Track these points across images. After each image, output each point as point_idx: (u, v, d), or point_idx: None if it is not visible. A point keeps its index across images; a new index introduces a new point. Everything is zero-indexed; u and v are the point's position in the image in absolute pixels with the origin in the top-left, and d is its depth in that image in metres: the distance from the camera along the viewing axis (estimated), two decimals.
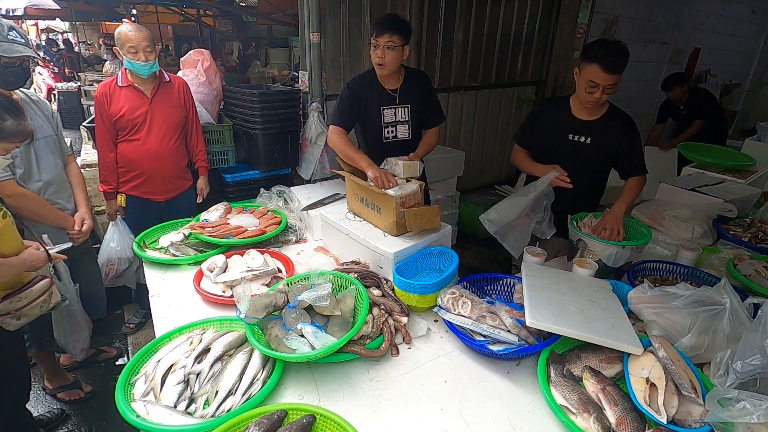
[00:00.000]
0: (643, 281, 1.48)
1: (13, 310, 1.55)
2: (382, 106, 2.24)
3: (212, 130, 2.99)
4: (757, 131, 4.07)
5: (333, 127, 2.18)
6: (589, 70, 1.82)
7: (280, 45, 10.32)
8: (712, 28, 6.24)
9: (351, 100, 2.21)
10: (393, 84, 2.24)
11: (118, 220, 2.44)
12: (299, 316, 1.32)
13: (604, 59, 1.77)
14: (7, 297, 1.54)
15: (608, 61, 1.77)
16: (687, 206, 2.23)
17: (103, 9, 8.77)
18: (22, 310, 1.57)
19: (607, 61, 1.77)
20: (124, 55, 2.25)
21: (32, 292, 1.59)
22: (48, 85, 8.47)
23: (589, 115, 2.01)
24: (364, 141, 2.38)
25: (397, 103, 2.26)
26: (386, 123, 2.27)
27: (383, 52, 2.07)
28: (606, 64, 1.77)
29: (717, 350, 1.20)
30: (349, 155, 2.05)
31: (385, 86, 2.23)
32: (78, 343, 2.06)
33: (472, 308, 1.39)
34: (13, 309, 1.55)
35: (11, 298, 1.54)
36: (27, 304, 1.58)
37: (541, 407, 1.18)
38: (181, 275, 1.76)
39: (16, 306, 1.55)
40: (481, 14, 4.14)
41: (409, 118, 2.31)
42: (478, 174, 4.84)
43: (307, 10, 2.98)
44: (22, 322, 1.59)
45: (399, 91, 2.25)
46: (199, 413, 1.13)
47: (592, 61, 1.80)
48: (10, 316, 1.55)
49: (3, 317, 1.54)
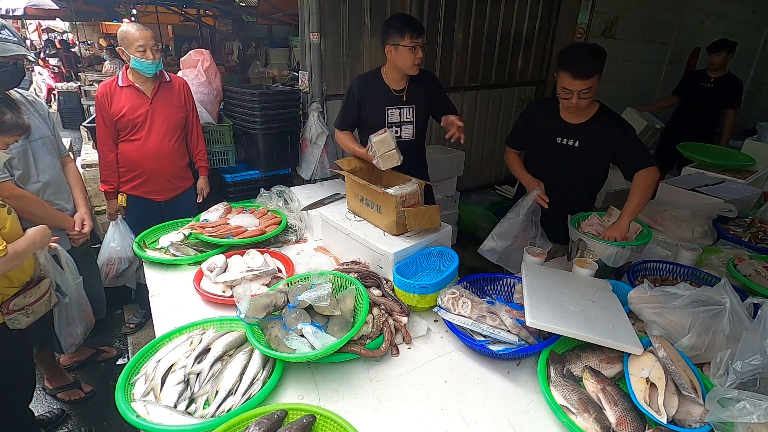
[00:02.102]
0: (643, 281, 1.48)
1: (26, 306, 1.60)
2: (387, 106, 2.24)
3: (212, 130, 2.99)
4: (757, 131, 4.07)
5: (337, 131, 2.29)
6: (561, 77, 1.82)
7: (280, 45, 10.32)
8: (712, 28, 6.23)
9: (355, 102, 2.23)
10: (400, 84, 2.24)
11: (118, 220, 2.44)
12: (299, 316, 1.32)
13: (571, 66, 1.77)
14: (20, 293, 1.59)
15: (576, 68, 1.76)
16: (687, 206, 2.23)
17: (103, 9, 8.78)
18: (33, 306, 1.62)
19: (574, 69, 1.76)
20: (131, 54, 2.24)
21: (39, 289, 1.64)
22: (48, 85, 8.48)
23: (576, 118, 1.98)
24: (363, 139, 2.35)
25: (403, 103, 2.26)
26: (390, 123, 2.27)
27: (420, 53, 2.11)
28: (574, 71, 1.77)
29: (717, 350, 1.20)
30: (350, 147, 2.18)
31: (391, 87, 2.23)
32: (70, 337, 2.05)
33: (472, 308, 1.39)
34: (26, 304, 1.60)
35: (24, 293, 1.59)
36: (36, 300, 1.63)
37: (541, 407, 1.18)
38: (181, 275, 1.76)
39: (28, 301, 1.61)
40: (481, 14, 4.14)
41: (414, 119, 2.31)
42: (478, 174, 4.84)
43: (307, 10, 2.98)
44: (30, 320, 1.63)
45: (406, 91, 2.26)
46: (199, 413, 1.13)
47: (561, 68, 1.81)
48: (22, 313, 1.60)
49: (15, 314, 1.58)
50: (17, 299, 1.57)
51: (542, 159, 2.05)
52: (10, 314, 1.57)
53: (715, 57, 3.95)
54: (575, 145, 1.99)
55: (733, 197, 2.35)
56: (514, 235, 2.00)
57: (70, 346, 2.06)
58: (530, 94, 4.98)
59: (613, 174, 2.14)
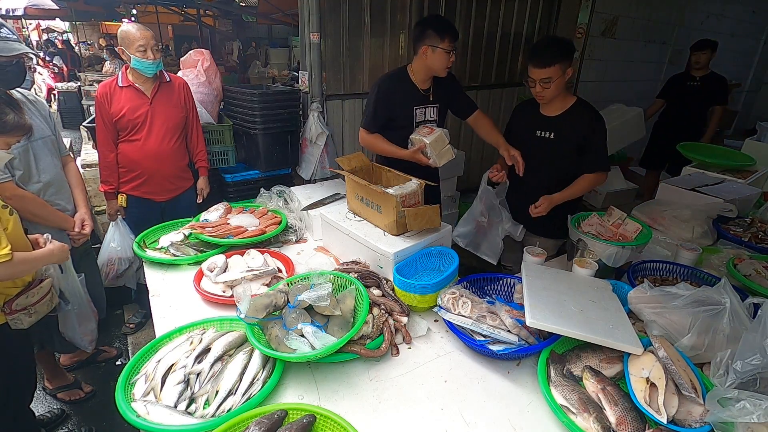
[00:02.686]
0: (643, 281, 1.48)
1: (29, 305, 1.61)
2: (415, 105, 2.24)
3: (212, 130, 2.99)
4: (757, 131, 4.07)
5: (363, 131, 2.26)
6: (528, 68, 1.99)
7: (280, 45, 10.32)
8: (712, 28, 6.23)
9: (383, 102, 2.19)
10: (426, 84, 2.24)
11: (118, 220, 2.44)
12: (299, 316, 1.32)
13: (532, 56, 1.96)
14: (22, 293, 1.59)
15: (535, 58, 1.94)
16: (687, 206, 2.22)
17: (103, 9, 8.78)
18: (35, 306, 1.63)
19: (534, 59, 1.94)
20: (131, 54, 2.23)
21: (41, 289, 1.64)
22: (48, 85, 8.48)
23: (553, 111, 2.09)
24: (395, 140, 2.25)
25: (429, 103, 2.27)
26: (417, 122, 2.27)
27: (453, 57, 2.14)
28: (533, 61, 1.94)
29: (717, 350, 1.20)
30: (385, 151, 2.20)
31: (419, 86, 2.23)
32: (86, 335, 2.07)
33: (472, 308, 1.39)
34: (29, 304, 1.60)
35: (26, 293, 1.60)
36: (39, 300, 1.64)
37: (541, 407, 1.18)
38: (181, 275, 1.76)
39: (31, 301, 1.61)
40: (481, 14, 4.14)
41: (437, 117, 2.32)
42: (478, 174, 4.78)
43: (307, 10, 2.98)
44: (33, 320, 1.64)
45: (431, 90, 2.26)
46: (199, 413, 1.13)
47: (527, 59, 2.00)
48: (25, 313, 1.60)
49: (18, 314, 1.58)
50: (20, 299, 1.58)
51: (525, 152, 2.11)
52: (12, 314, 1.57)
53: (701, 56, 4.01)
54: (551, 137, 2.09)
55: (733, 197, 2.34)
56: (474, 218, 2.21)
57: (89, 343, 2.09)
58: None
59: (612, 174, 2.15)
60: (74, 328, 1.99)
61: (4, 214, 1.48)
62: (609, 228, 1.93)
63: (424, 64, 2.14)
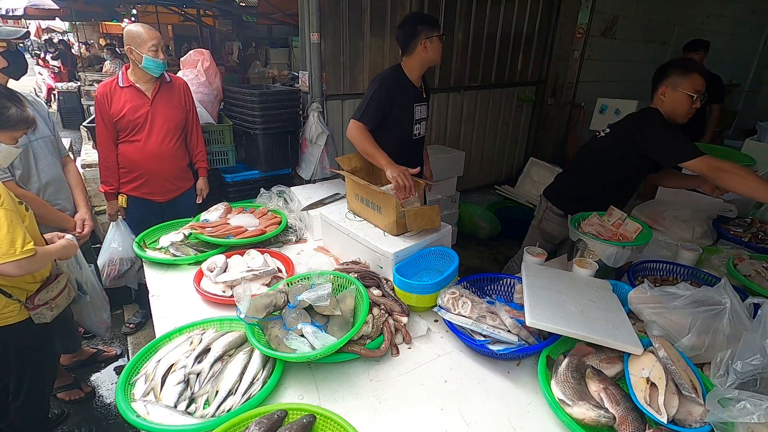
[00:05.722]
0: (643, 281, 1.48)
1: (50, 300, 1.65)
2: (415, 103, 2.24)
3: (212, 130, 2.99)
4: (757, 131, 4.06)
5: (357, 123, 2.12)
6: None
7: (280, 45, 10.31)
8: (712, 28, 6.23)
9: (385, 99, 2.12)
10: (419, 81, 2.25)
11: (119, 221, 2.44)
12: (299, 316, 1.32)
13: (696, 66, 2.09)
14: (42, 288, 1.63)
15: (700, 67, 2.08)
16: (687, 206, 2.23)
17: (103, 9, 8.77)
18: (56, 300, 1.67)
19: (700, 68, 2.07)
20: (142, 54, 2.22)
21: (59, 284, 1.68)
22: (48, 85, 8.48)
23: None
24: (392, 138, 2.20)
25: (423, 100, 2.28)
26: (416, 120, 2.27)
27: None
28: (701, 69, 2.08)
29: (717, 350, 1.20)
30: (368, 151, 2.02)
31: (415, 84, 2.24)
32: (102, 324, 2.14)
33: (472, 308, 1.39)
34: (50, 299, 1.65)
35: (47, 288, 1.64)
36: (58, 294, 1.68)
37: (541, 407, 1.18)
38: (181, 275, 1.76)
39: (51, 296, 1.65)
40: (481, 14, 4.14)
41: (428, 115, 2.34)
42: (478, 174, 4.84)
43: (307, 10, 2.98)
44: (54, 314, 1.68)
45: (423, 88, 2.28)
46: (199, 413, 1.13)
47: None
48: (47, 307, 1.64)
49: (41, 309, 1.62)
50: (41, 294, 1.62)
51: None
52: (35, 309, 1.61)
53: (694, 56, 4.02)
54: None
55: (733, 197, 2.34)
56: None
57: (105, 330, 2.16)
58: (530, 94, 4.99)
59: None
60: (91, 318, 2.02)
61: (21, 210, 1.49)
62: (609, 228, 1.93)
63: (424, 58, 2.14)
